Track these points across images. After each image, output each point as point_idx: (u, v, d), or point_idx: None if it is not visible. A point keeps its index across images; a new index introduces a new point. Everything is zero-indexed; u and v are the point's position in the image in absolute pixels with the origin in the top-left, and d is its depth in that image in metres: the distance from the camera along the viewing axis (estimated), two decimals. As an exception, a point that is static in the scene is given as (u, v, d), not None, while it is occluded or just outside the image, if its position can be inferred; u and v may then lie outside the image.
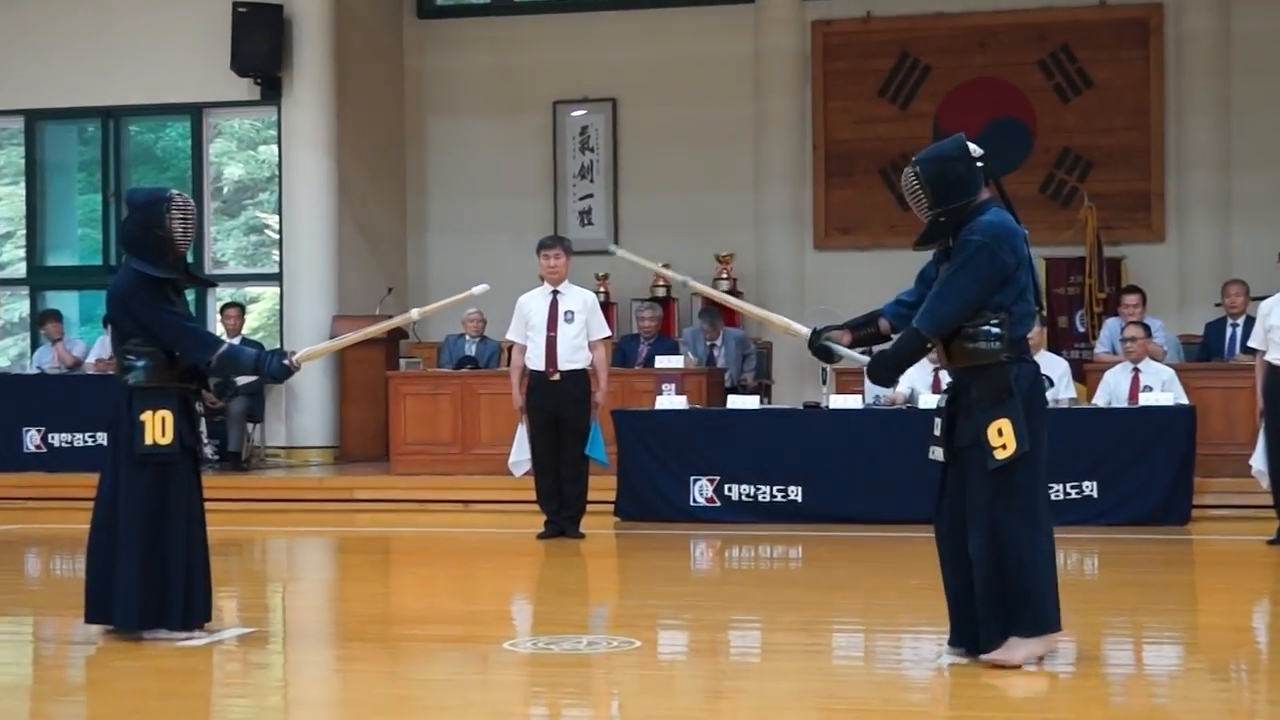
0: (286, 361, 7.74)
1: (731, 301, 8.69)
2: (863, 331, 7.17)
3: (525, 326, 12.11)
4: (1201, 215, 17.88)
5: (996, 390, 6.71)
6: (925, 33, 18.52)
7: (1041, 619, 6.70)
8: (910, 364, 7.02)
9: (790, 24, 18.65)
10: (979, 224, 6.77)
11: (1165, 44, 18.02)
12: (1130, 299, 14.68)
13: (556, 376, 11.98)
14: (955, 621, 6.93)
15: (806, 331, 7.23)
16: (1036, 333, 13.56)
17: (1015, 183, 17.37)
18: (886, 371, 7.03)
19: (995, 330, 6.73)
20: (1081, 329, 17.32)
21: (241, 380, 7.75)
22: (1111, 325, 14.91)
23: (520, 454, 12.27)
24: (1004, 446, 6.65)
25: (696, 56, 19.03)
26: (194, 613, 7.65)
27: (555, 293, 12.12)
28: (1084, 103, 18.23)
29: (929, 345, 6.89)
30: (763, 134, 18.80)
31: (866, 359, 7.10)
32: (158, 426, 7.52)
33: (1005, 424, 6.66)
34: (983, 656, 6.74)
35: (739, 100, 18.87)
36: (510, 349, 12.59)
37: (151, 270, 7.58)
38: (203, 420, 7.74)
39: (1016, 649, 6.70)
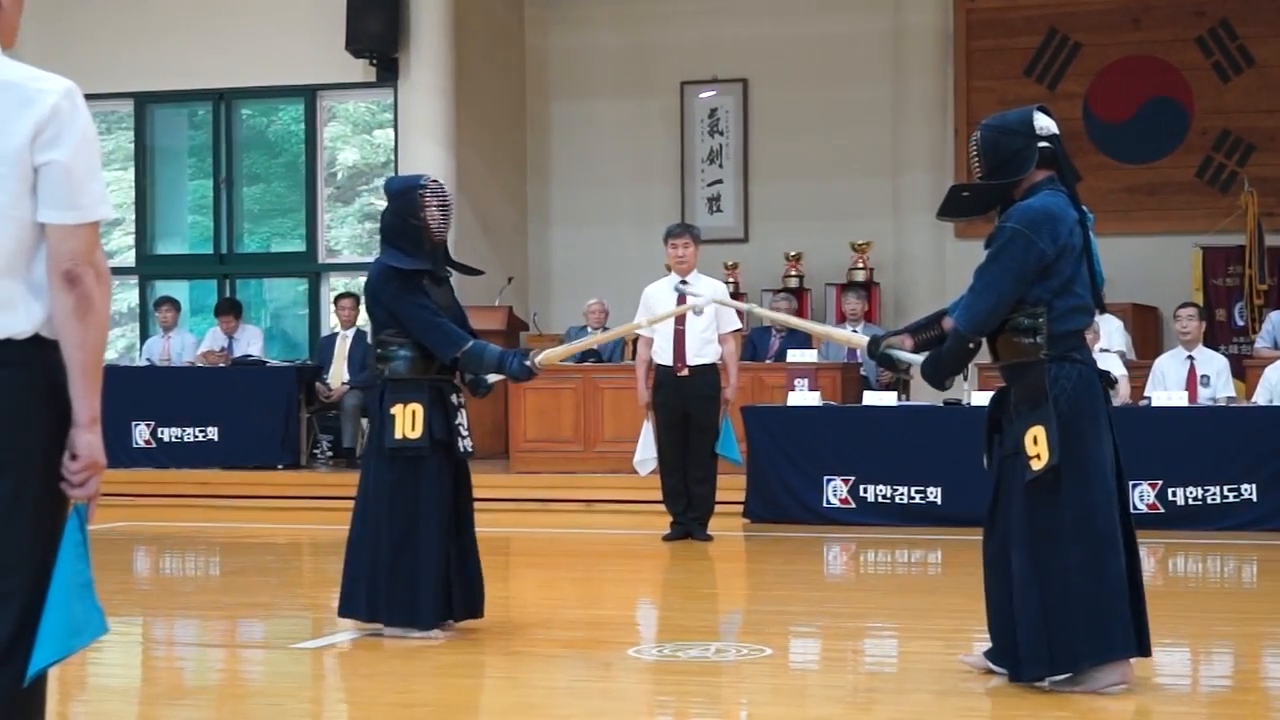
0: (529, 363, 7.85)
1: (791, 322, 10.03)
2: (926, 334, 6.88)
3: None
4: (1370, 202, 17.42)
5: (1033, 393, 6.34)
6: (1075, 8, 18.14)
7: (1105, 644, 6.27)
8: (961, 366, 6.78)
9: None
10: (1017, 209, 6.41)
11: (1334, 18, 17.64)
12: (1296, 292, 14.40)
13: (685, 371, 11.73)
14: (996, 639, 6.57)
15: (866, 341, 7.07)
16: (1196, 327, 13.07)
17: (1171, 166, 17.24)
18: (937, 375, 6.72)
19: (1032, 324, 6.36)
20: (1241, 322, 16.99)
21: (493, 378, 7.73)
22: (1273, 318, 14.56)
23: (646, 452, 12.03)
24: (1038, 457, 6.28)
25: (832, 34, 18.69)
26: (446, 610, 7.76)
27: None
28: (1245, 82, 17.73)
29: (972, 345, 6.59)
30: (902, 117, 18.44)
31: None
32: (408, 420, 7.63)
33: (1040, 431, 6.28)
34: (1050, 685, 6.34)
35: (877, 81, 18.52)
36: (636, 342, 12.47)
37: (399, 262, 7.71)
38: (462, 413, 7.90)
39: (1091, 679, 6.30)
